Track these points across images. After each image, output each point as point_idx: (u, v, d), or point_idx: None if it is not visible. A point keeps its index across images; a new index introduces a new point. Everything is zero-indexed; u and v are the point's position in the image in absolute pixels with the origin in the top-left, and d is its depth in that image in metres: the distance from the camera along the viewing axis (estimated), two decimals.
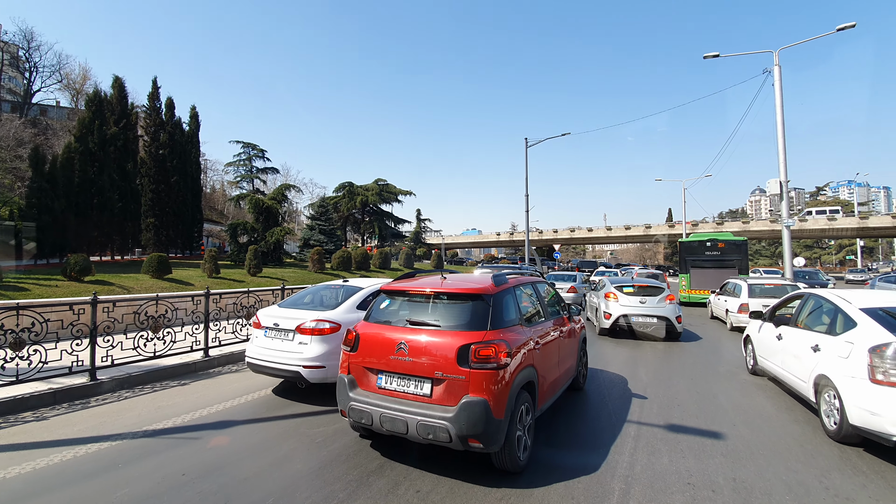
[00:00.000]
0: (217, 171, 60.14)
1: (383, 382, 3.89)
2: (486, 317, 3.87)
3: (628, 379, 6.96)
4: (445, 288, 4.09)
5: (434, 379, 3.66)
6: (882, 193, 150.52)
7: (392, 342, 3.88)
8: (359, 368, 4.04)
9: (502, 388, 3.59)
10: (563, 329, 5.50)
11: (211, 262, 22.48)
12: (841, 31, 14.60)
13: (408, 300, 4.25)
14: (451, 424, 3.43)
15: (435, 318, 3.97)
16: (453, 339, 3.69)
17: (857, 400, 4.29)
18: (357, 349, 4.08)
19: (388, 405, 3.72)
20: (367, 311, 4.48)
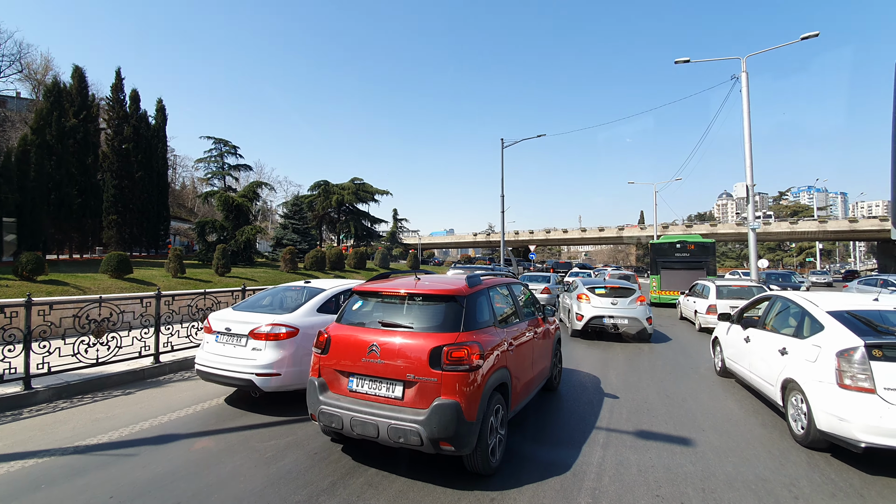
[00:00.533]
0: (187, 167, 58.21)
1: (355, 385, 3.81)
2: (460, 318, 3.82)
3: (600, 381, 6.88)
4: (419, 289, 4.02)
5: (406, 381, 3.60)
6: (839, 199, 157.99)
7: (364, 344, 3.80)
8: (330, 371, 3.96)
9: (475, 390, 3.55)
10: (538, 330, 5.44)
11: (176, 262, 21.60)
12: (805, 39, 15.02)
13: (381, 301, 4.18)
14: (422, 427, 3.38)
15: (408, 319, 3.91)
16: (426, 341, 3.64)
17: (824, 405, 4.24)
18: (328, 351, 3.99)
19: (358, 408, 3.64)
20: (340, 313, 4.39)
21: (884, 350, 4.05)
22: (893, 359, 4.00)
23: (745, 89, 16.17)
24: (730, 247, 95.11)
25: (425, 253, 65.01)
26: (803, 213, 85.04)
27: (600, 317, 10.45)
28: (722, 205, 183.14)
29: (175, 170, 61.27)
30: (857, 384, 4.03)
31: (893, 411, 3.79)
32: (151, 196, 31.20)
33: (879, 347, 4.06)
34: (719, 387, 6.67)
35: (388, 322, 3.95)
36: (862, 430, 3.88)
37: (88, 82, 28.88)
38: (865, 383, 3.99)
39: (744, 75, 16.25)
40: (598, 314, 10.47)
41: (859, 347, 4.13)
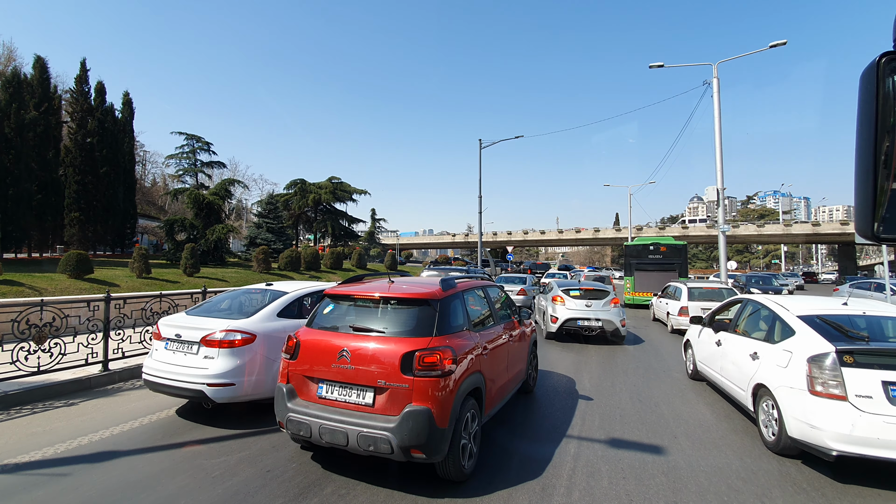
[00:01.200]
0: (158, 164, 56.20)
1: (324, 392, 3.70)
2: (433, 323, 3.75)
3: (574, 383, 6.80)
4: (392, 293, 3.92)
5: (377, 388, 3.52)
6: (802, 203, 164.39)
7: (334, 349, 3.70)
8: (299, 377, 3.83)
9: (447, 396, 3.48)
10: (513, 333, 5.36)
11: (141, 261, 20.74)
12: (773, 47, 15.39)
13: (353, 305, 4.09)
14: (392, 435, 3.31)
15: (380, 324, 3.82)
16: (397, 346, 3.56)
17: (795, 412, 4.17)
18: (297, 357, 3.86)
19: (328, 416, 3.53)
20: (310, 317, 4.23)
21: (855, 356, 3.99)
22: (865, 365, 3.94)
23: (717, 95, 16.49)
24: (700, 248, 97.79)
25: (403, 253, 64.52)
26: (769, 216, 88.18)
27: (574, 319, 10.44)
28: (693, 208, 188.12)
29: (145, 166, 59.18)
30: (828, 391, 3.97)
31: (865, 419, 3.74)
32: (117, 193, 29.92)
33: (850, 353, 4.01)
34: (691, 390, 6.66)
35: (359, 326, 3.83)
36: (833, 438, 3.82)
37: (51, 73, 27.51)
38: (837, 390, 3.93)
39: (715, 81, 16.57)
40: (572, 316, 10.46)
41: (830, 353, 4.06)
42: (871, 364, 3.92)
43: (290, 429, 3.68)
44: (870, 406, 3.77)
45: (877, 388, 3.80)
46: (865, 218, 1.05)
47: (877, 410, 3.74)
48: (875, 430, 3.68)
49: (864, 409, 3.78)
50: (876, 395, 3.79)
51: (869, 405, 3.78)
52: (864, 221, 1.05)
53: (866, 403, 3.79)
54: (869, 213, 1.04)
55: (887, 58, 0.99)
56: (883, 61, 0.99)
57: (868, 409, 3.76)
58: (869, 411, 3.75)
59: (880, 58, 0.99)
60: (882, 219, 1.04)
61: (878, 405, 3.75)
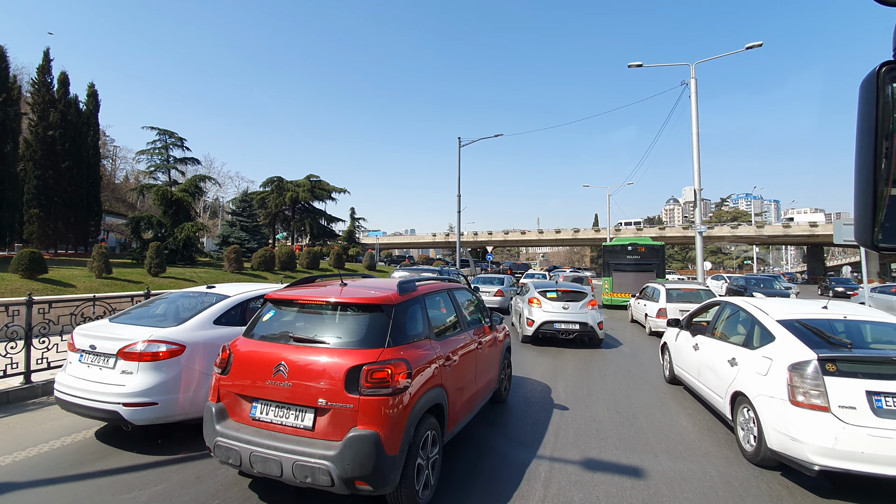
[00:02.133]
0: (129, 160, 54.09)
1: (258, 413, 3.23)
2: (385, 331, 3.31)
3: (548, 394, 6.42)
4: (340, 297, 3.46)
5: (318, 408, 3.07)
6: (773, 206, 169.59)
7: (270, 363, 3.23)
8: (231, 395, 3.36)
9: (399, 417, 3.06)
10: (483, 340, 4.93)
11: (101, 261, 19.65)
12: (749, 49, 15.40)
13: (297, 311, 3.62)
14: (333, 464, 2.86)
15: (325, 333, 3.38)
16: (342, 360, 3.12)
17: (776, 422, 3.95)
18: (229, 371, 3.39)
19: (261, 441, 3.07)
20: (249, 325, 3.70)
21: (838, 364, 3.77)
22: (848, 374, 3.72)
23: (694, 95, 16.46)
24: (676, 249, 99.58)
25: (383, 253, 63.68)
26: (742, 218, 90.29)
27: (551, 322, 10.09)
28: (669, 209, 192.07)
29: (115, 162, 57.04)
30: (810, 401, 3.74)
31: (849, 432, 3.52)
32: (80, 188, 28.47)
33: (833, 361, 3.79)
34: (671, 398, 6.35)
35: (300, 336, 3.37)
36: (815, 451, 3.59)
37: (11, 63, 25.90)
38: (819, 400, 3.71)
39: (693, 81, 16.54)
40: (549, 319, 10.11)
41: (812, 361, 3.84)
42: (854, 373, 3.72)
43: (218, 455, 3.20)
44: (853, 418, 3.57)
45: (861, 398, 3.61)
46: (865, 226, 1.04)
47: (861, 422, 3.54)
48: (859, 444, 3.48)
49: (848, 420, 3.57)
50: (860, 405, 3.59)
51: (853, 416, 3.58)
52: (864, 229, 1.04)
53: (850, 415, 3.59)
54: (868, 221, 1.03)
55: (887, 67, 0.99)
56: (883, 70, 0.99)
57: (852, 421, 3.56)
58: (853, 423, 3.55)
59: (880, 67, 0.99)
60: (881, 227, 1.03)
61: (862, 417, 3.56)
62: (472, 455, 4.30)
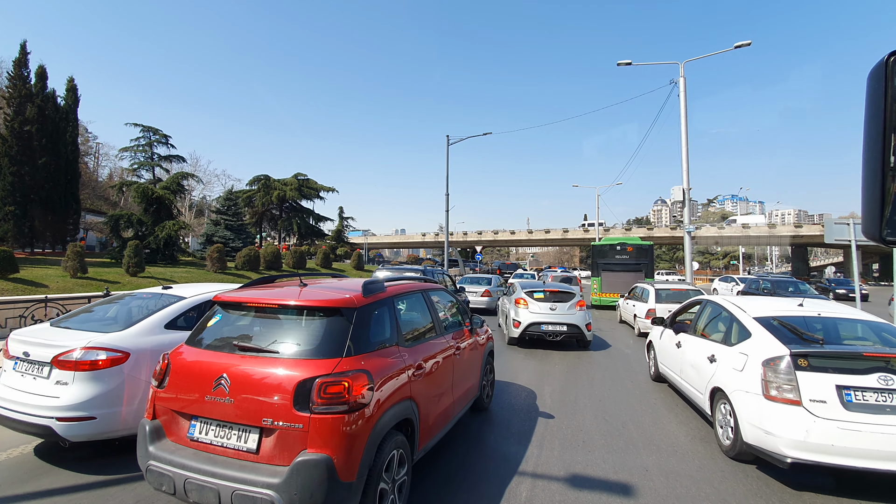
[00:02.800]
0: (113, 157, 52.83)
1: (197, 432, 2.86)
2: (345, 338, 2.95)
3: (533, 400, 6.17)
4: (294, 300, 3.09)
5: (263, 428, 2.70)
6: (758, 207, 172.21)
7: (210, 375, 2.87)
8: (167, 412, 2.99)
9: (357, 437, 2.71)
10: (462, 345, 4.64)
11: (75, 260, 19.09)
12: (738, 48, 15.36)
13: (245, 316, 3.27)
14: (278, 494, 2.51)
15: (275, 341, 3.00)
16: (292, 372, 2.75)
17: (751, 416, 4.04)
18: (166, 384, 3.03)
19: (198, 466, 2.70)
20: (193, 331, 3.35)
21: (809, 359, 3.88)
22: (819, 369, 3.83)
23: (683, 94, 16.38)
24: (664, 249, 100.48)
25: (371, 252, 63.12)
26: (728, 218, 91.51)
27: (538, 323, 9.82)
28: (657, 210, 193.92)
29: (98, 159, 55.75)
30: (782, 395, 3.85)
31: (820, 425, 3.62)
32: (58, 185, 27.68)
33: (805, 356, 3.90)
34: (661, 404, 6.14)
35: (246, 345, 3.01)
36: (787, 444, 3.69)
37: None
38: (791, 395, 3.82)
39: (682, 80, 16.46)
40: (536, 320, 9.84)
41: (785, 356, 3.95)
42: (825, 367, 3.84)
43: (151, 481, 2.85)
44: (824, 411, 3.67)
45: (831, 392, 3.71)
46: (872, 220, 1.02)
47: (831, 416, 3.64)
48: (829, 437, 3.57)
49: (819, 414, 3.67)
50: (830, 399, 3.69)
51: (823, 410, 3.68)
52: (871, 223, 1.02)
53: (820, 408, 3.69)
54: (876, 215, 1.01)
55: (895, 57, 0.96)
56: (891, 61, 0.96)
57: (822, 415, 3.66)
58: (823, 417, 3.65)
59: (888, 57, 0.96)
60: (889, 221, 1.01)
61: (833, 410, 3.66)
62: (448, 473, 3.99)
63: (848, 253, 62.98)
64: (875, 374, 3.71)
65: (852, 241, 8.20)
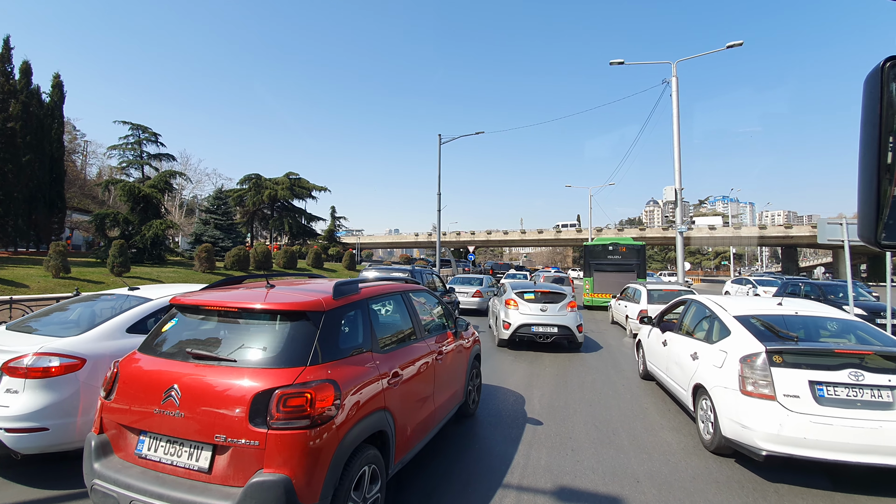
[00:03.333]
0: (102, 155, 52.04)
1: (146, 449, 2.62)
2: (310, 345, 2.71)
3: (521, 406, 5.98)
4: (256, 303, 2.83)
5: (216, 445, 2.46)
6: (748, 208, 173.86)
7: (160, 386, 2.63)
8: (115, 425, 2.73)
9: (320, 454, 2.47)
10: (446, 349, 4.43)
11: (57, 259, 18.62)
12: (730, 47, 15.29)
13: (204, 320, 3.01)
14: None
15: (233, 348, 2.75)
16: (250, 383, 2.51)
17: (729, 411, 4.17)
18: (113, 395, 2.78)
19: (145, 487, 2.46)
20: (148, 336, 3.09)
21: (783, 356, 4.02)
22: (793, 365, 3.96)
23: (675, 93, 16.29)
24: (655, 250, 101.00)
25: (364, 252, 62.72)
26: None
27: (529, 325, 9.60)
28: (649, 211, 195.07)
29: (86, 157, 54.94)
30: (758, 391, 3.98)
31: (793, 419, 3.74)
32: (43, 183, 27.12)
33: (780, 353, 4.03)
34: (653, 408, 5.97)
35: (201, 352, 2.75)
36: (762, 438, 3.82)
37: None
38: (766, 390, 3.95)
39: (674, 80, 16.37)
40: (526, 322, 9.61)
41: (761, 353, 4.08)
42: (798, 364, 3.96)
43: (96, 501, 2.62)
44: (797, 405, 3.80)
45: (804, 387, 3.84)
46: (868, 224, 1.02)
47: (804, 410, 3.76)
48: (802, 430, 3.69)
49: (792, 408, 3.80)
50: (803, 394, 3.82)
51: (796, 405, 3.80)
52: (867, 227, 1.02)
53: (794, 403, 3.81)
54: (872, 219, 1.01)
55: (891, 62, 0.97)
56: (887, 66, 0.97)
57: (795, 409, 3.78)
58: (796, 411, 3.77)
59: (884, 62, 0.97)
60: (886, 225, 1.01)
61: (805, 405, 3.78)
62: (428, 485, 3.76)
63: (837, 253, 63.65)
64: (846, 370, 3.82)
65: (845, 242, 8.10)
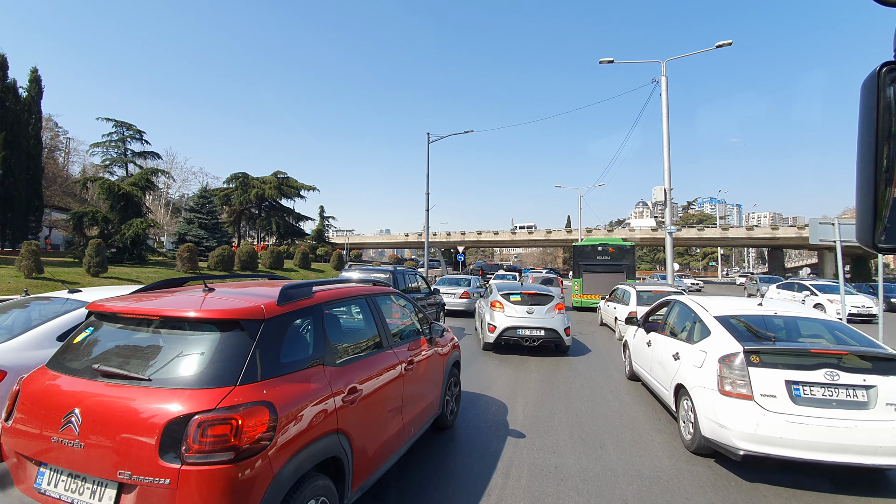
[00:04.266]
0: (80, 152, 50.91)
1: (45, 483, 2.23)
2: (243, 360, 2.29)
3: (503, 416, 5.63)
4: (182, 310, 2.42)
5: (122, 484, 2.05)
6: (735, 210, 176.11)
7: (60, 409, 2.23)
8: (13, 453, 2.37)
9: (249, 493, 2.07)
10: (418, 357, 4.08)
11: (30, 259, 17.93)
12: (720, 47, 15.15)
13: (122, 329, 2.56)
14: None
15: (149, 364, 2.33)
16: (163, 407, 2.10)
17: (707, 411, 4.20)
18: (13, 419, 2.41)
19: None
20: (59, 350, 2.66)
21: (761, 356, 4.04)
22: (770, 365, 3.98)
23: (665, 93, 16.13)
24: (644, 251, 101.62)
25: (352, 253, 62.05)
26: (707, 221, 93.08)
27: (514, 328, 9.29)
28: (639, 212, 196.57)
29: (68, 154, 53.67)
30: (736, 390, 4.01)
31: (769, 418, 3.76)
32: (19, 181, 26.26)
33: (757, 353, 4.05)
34: (643, 417, 5.66)
35: (110, 370, 2.31)
36: (740, 437, 3.85)
37: None
38: (744, 389, 3.97)
39: (664, 79, 16.21)
40: (512, 325, 9.30)
41: (739, 353, 4.11)
42: (775, 364, 3.98)
43: None
44: (774, 405, 3.82)
45: (780, 387, 3.86)
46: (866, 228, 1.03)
47: (780, 409, 3.78)
48: (778, 430, 3.72)
49: (769, 408, 3.82)
50: (780, 394, 3.85)
51: (773, 404, 3.83)
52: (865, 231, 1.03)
53: (771, 402, 3.84)
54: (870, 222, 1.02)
55: (888, 67, 1.00)
56: (883, 71, 1.00)
57: (772, 409, 3.81)
58: (773, 410, 3.80)
59: (881, 67, 0.99)
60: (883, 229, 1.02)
61: (782, 404, 3.81)
62: None
63: (822, 254, 64.40)
64: (822, 370, 3.85)
65: (837, 242, 7.92)
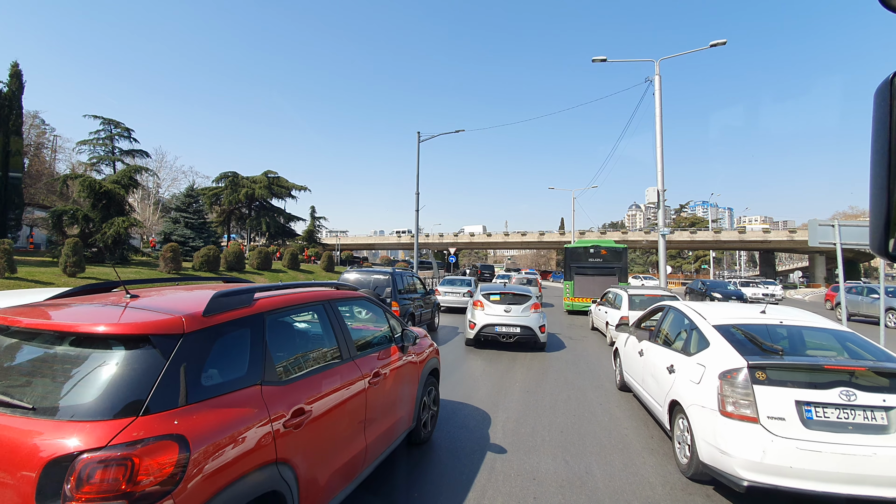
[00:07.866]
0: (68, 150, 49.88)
1: None
2: (150, 384, 1.90)
3: (484, 429, 5.21)
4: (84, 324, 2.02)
5: None
6: (727, 213, 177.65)
7: None
8: None
9: None
10: (386, 368, 3.66)
11: (2, 258, 17.20)
12: (714, 46, 14.89)
13: (13, 346, 2.13)
14: None
15: (38, 389, 1.93)
16: (44, 443, 1.72)
17: (706, 434, 3.71)
18: None
19: None
20: None
21: (767, 372, 3.56)
22: (778, 382, 3.49)
23: (658, 92, 15.84)
24: (637, 253, 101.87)
25: (343, 254, 61.37)
26: (699, 224, 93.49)
27: (492, 325, 9.90)
28: (632, 215, 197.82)
29: (55, 152, 52.62)
30: (739, 411, 3.53)
31: (778, 444, 3.29)
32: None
33: (763, 369, 3.58)
34: (633, 435, 5.18)
35: None
36: (743, 466, 3.37)
37: None
38: (748, 411, 3.49)
39: (657, 78, 15.93)
40: (490, 322, 9.91)
41: (742, 369, 3.63)
42: (783, 381, 3.51)
43: None
44: (782, 429, 3.36)
45: (790, 408, 3.40)
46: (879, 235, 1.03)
47: (790, 434, 3.33)
48: (787, 458, 3.26)
49: (777, 432, 3.36)
50: (789, 416, 3.38)
51: (781, 428, 3.37)
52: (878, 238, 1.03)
53: (779, 426, 3.37)
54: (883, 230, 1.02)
55: None
56: None
57: (780, 433, 3.35)
58: (781, 435, 3.34)
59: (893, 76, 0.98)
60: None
61: (791, 428, 3.35)
62: None
63: (813, 258, 64.82)
64: (837, 389, 3.39)
65: (837, 244, 7.59)
